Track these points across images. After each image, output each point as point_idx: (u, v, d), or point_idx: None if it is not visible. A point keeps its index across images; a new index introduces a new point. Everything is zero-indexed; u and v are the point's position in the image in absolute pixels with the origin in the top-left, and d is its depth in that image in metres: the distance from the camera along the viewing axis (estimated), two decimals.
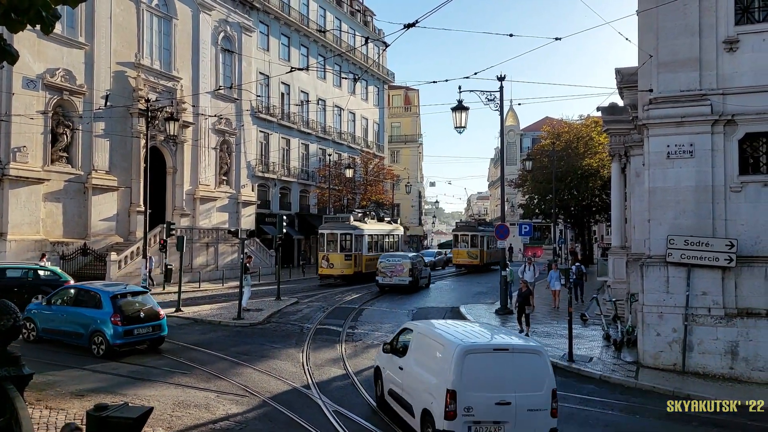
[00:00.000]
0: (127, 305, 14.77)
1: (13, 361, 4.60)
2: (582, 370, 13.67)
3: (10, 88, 26.20)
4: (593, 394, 11.96)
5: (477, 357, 8.40)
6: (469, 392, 8.10)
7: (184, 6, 36.45)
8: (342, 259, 33.09)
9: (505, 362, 8.52)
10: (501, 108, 22.67)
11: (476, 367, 8.31)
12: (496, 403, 8.12)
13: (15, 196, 26.69)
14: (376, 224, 38.69)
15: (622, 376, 13.18)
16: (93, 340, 14.40)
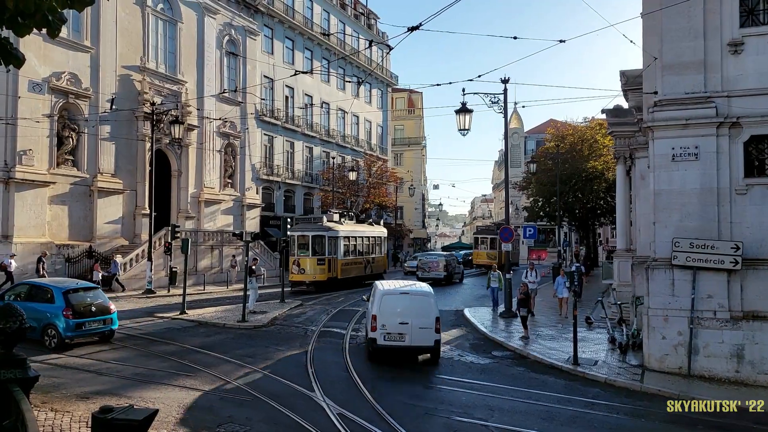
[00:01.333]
0: (78, 300, 15.46)
1: (18, 364, 4.63)
2: (587, 374, 13.63)
3: (17, 91, 26.33)
4: (598, 398, 11.92)
5: (390, 296, 14.98)
6: (384, 316, 14.40)
7: (189, 10, 36.59)
8: (314, 263, 30.18)
9: (406, 300, 14.93)
10: (505, 110, 22.66)
11: (389, 303, 14.69)
12: (399, 323, 14.36)
13: (21, 199, 26.80)
14: (355, 225, 36.04)
15: (627, 379, 13.13)
16: (46, 332, 15.06)
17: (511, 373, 14.13)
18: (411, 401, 11.29)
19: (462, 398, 11.65)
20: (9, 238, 26.30)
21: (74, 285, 16.32)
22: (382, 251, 38.23)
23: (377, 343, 14.61)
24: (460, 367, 14.51)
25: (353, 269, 32.83)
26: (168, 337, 16.91)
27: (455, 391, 12.19)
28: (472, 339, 18.47)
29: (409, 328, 14.45)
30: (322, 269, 30.28)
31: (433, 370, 13.94)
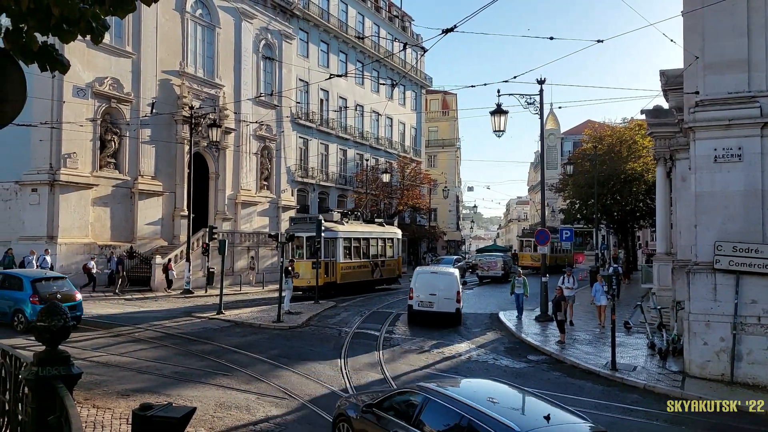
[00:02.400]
0: (44, 288, 16.98)
1: (63, 361, 4.76)
2: (625, 380, 13.36)
3: (62, 96, 27.16)
4: (637, 404, 11.67)
5: (423, 275, 21.74)
6: (418, 289, 20.67)
7: (226, 15, 37.22)
8: (308, 267, 27.02)
9: (434, 278, 21.40)
10: (541, 111, 22.41)
11: (422, 279, 21.13)
12: (429, 294, 20.46)
13: (65, 201, 27.63)
14: (361, 226, 32.70)
15: (668, 386, 12.81)
16: (15, 316, 16.79)
17: (546, 377, 13.94)
18: None
19: None
20: (54, 238, 27.14)
21: (42, 275, 18.09)
22: (395, 254, 35.30)
23: (413, 308, 20.93)
24: (495, 371, 14.39)
25: (356, 273, 30.06)
26: (205, 337, 17.20)
27: None
28: (506, 342, 18.29)
29: (437, 298, 20.57)
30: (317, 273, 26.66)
31: (468, 372, 13.84)
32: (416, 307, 20.68)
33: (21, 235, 27.40)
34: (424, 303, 20.60)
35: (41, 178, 27.30)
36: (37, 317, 4.85)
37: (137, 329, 18.04)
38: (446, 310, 20.53)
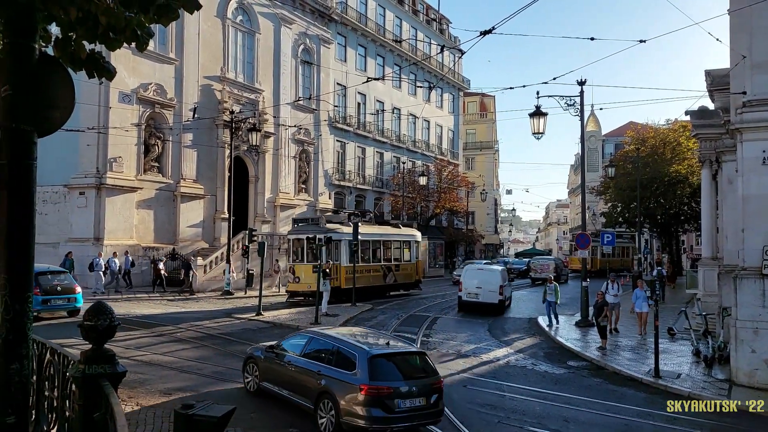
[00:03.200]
0: (45, 281, 18.44)
1: (108, 359, 4.89)
2: (669, 387, 13.00)
3: (108, 102, 28.00)
4: (681, 413, 11.35)
5: (470, 270, 26.53)
6: (466, 283, 24.86)
7: (266, 21, 37.80)
8: (309, 271, 25.57)
9: (480, 273, 25.75)
10: (581, 113, 22.06)
11: (469, 274, 25.65)
12: (475, 287, 24.42)
13: (111, 204, 28.46)
14: (372, 227, 30.79)
15: (713, 394, 12.42)
16: None
17: (587, 384, 13.68)
18: (484, 410, 11.13)
19: (536, 408, 11.38)
20: (100, 240, 27.97)
21: (44, 269, 19.40)
22: (412, 257, 32.81)
23: (462, 299, 24.99)
24: (534, 376, 14.19)
25: (364, 278, 27.88)
26: (245, 338, 17.43)
27: (528, 400, 11.93)
28: (546, 348, 18.03)
29: (482, 290, 24.27)
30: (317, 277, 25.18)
31: (506, 377, 13.69)
32: (464, 298, 24.85)
33: (69, 236, 28.33)
34: (471, 294, 24.63)
35: (88, 181, 28.19)
36: (84, 316, 5.01)
37: (179, 329, 18.43)
38: (490, 301, 24.36)
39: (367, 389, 8.89)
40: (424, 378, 9.57)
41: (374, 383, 8.94)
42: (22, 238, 4.21)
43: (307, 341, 10.73)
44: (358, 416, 8.89)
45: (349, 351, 9.63)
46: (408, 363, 9.96)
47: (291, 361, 10.51)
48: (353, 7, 47.32)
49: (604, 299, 18.08)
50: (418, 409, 9.18)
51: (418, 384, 9.37)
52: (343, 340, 10.09)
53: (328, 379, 9.51)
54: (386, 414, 8.86)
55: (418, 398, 9.21)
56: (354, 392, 8.99)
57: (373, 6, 50.41)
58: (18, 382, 4.15)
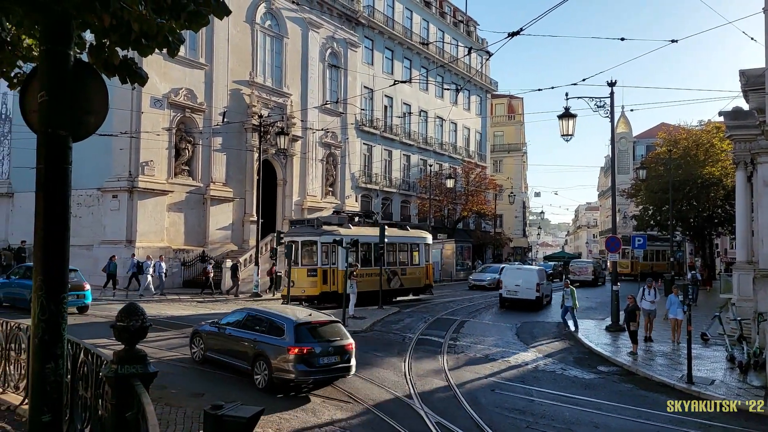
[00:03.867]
0: None
1: (140, 360, 4.98)
2: (702, 394, 12.70)
3: (140, 107, 28.55)
4: (715, 420, 11.08)
5: (509, 269, 30.01)
6: (506, 281, 27.84)
7: (294, 25, 38.14)
8: (304, 275, 24.94)
9: (519, 272, 28.82)
10: (611, 114, 21.73)
11: (509, 273, 28.87)
12: (514, 284, 27.11)
13: (143, 207, 28.99)
14: (374, 230, 28.65)
15: (749, 401, 12.09)
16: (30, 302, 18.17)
17: (618, 389, 13.45)
18: (512, 414, 11.03)
19: (565, 413, 11.23)
20: (132, 242, 28.51)
21: None
22: (421, 261, 31.19)
23: (503, 295, 27.67)
24: (563, 381, 14.01)
25: (364, 282, 26.20)
26: None
27: (557, 405, 11.77)
28: (575, 353, 17.78)
29: (520, 287, 26.74)
30: (313, 282, 24.62)
31: (534, 382, 13.54)
32: (505, 295, 27.53)
33: (102, 239, 28.94)
34: (511, 291, 27.32)
35: (121, 185, 28.77)
36: (117, 317, 5.10)
37: None
38: (527, 297, 26.93)
39: (294, 350, 11.41)
40: (338, 341, 12.07)
41: (299, 345, 11.49)
42: (58, 241, 4.31)
43: (244, 316, 13.29)
44: (287, 371, 11.41)
45: (279, 321, 12.12)
46: (326, 330, 12.30)
47: (231, 333, 12.94)
48: (380, 10, 47.45)
49: (635, 303, 17.74)
50: (333, 364, 11.85)
51: (334, 346, 11.92)
52: (275, 313, 12.69)
53: (262, 344, 11.98)
54: (309, 368, 11.46)
55: (333, 356, 11.87)
56: (283, 353, 11.47)
57: (400, 9, 50.48)
58: (53, 381, 4.25)
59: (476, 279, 39.08)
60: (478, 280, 38.70)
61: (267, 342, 11.96)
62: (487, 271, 40.49)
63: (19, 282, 20.12)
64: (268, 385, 11.66)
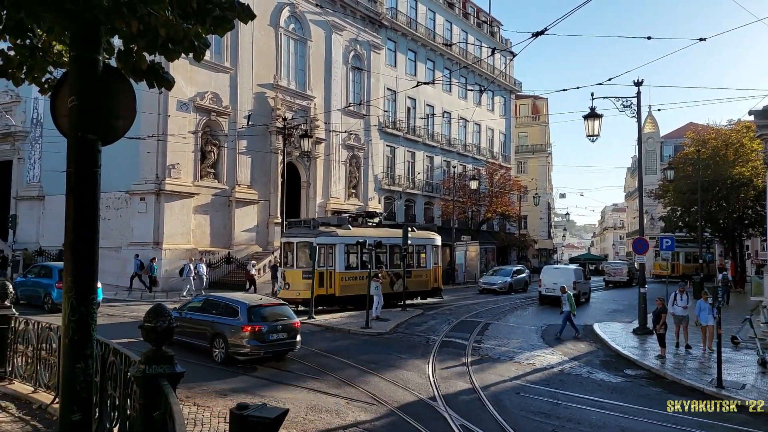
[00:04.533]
0: None
1: (167, 360, 5.05)
2: (733, 398, 12.43)
3: (167, 110, 28.99)
4: (746, 425, 10.83)
5: (548, 269, 33.10)
6: (545, 279, 30.36)
7: (317, 28, 38.36)
8: (299, 277, 24.32)
9: (556, 271, 31.86)
10: (638, 114, 21.44)
11: (548, 272, 31.55)
12: (552, 283, 28.73)
13: (170, 209, 29.41)
14: (376, 231, 28.01)
15: None
16: (44, 299, 20.88)
17: (645, 393, 13.23)
18: (537, 418, 10.92)
19: (592, 417, 11.09)
20: (159, 244, 28.93)
21: None
22: (429, 263, 29.85)
23: (542, 293, 30.29)
24: (590, 384, 13.83)
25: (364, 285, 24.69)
26: None
27: (584, 409, 11.63)
28: (602, 356, 17.55)
29: (557, 286, 25.85)
30: (307, 284, 23.54)
31: (560, 385, 13.39)
32: (544, 292, 30.13)
33: (130, 241, 29.43)
34: (549, 289, 29.42)
35: (148, 187, 29.22)
36: (144, 318, 5.18)
37: None
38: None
39: (247, 328, 13.61)
40: (286, 321, 14.47)
41: (251, 324, 13.69)
42: (87, 243, 4.39)
43: (203, 302, 15.61)
44: (241, 347, 13.59)
45: (235, 305, 14.34)
46: (275, 311, 14.69)
47: (192, 317, 15.04)
48: (403, 12, 47.48)
49: (663, 306, 17.44)
50: (281, 340, 14.27)
51: (281, 324, 14.26)
52: (230, 298, 15.09)
53: (220, 325, 14.09)
54: (260, 343, 13.70)
55: (281, 333, 14.22)
56: (238, 331, 13.61)
57: (423, 10, 50.44)
58: (83, 380, 4.33)
59: (487, 282, 37.14)
60: (488, 283, 36.88)
61: (224, 323, 14.05)
62: (499, 273, 38.76)
63: (35, 281, 21.64)
64: (225, 359, 13.80)
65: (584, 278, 33.55)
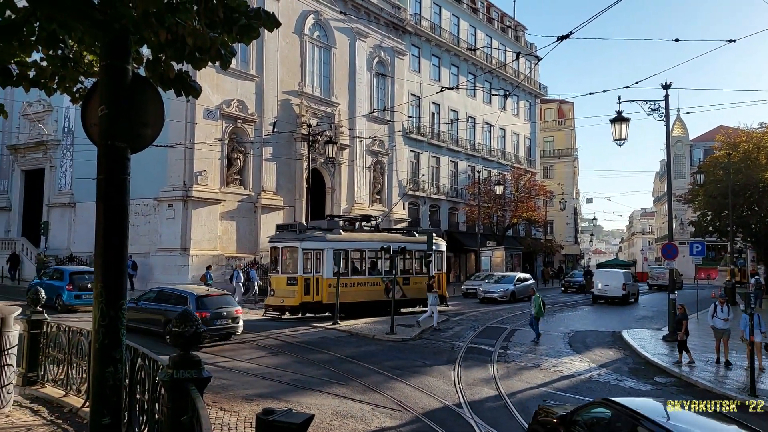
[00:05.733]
0: (78, 279, 22.64)
1: (195, 365, 5.10)
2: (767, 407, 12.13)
3: (194, 118, 29.40)
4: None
5: (600, 272, 39.70)
6: (598, 281, 35.95)
7: (342, 35, 38.60)
8: (283, 283, 23.42)
9: (608, 273, 37.54)
10: (666, 118, 21.11)
11: (600, 275, 37.48)
12: (605, 284, 35.11)
13: (197, 216, 29.78)
14: (369, 235, 26.90)
15: None
16: (56, 300, 22.15)
17: None
18: None
19: None
20: (187, 250, 29.30)
21: (79, 269, 24.49)
22: (430, 269, 27.73)
23: (594, 293, 35.21)
24: (618, 392, 13.60)
25: (355, 292, 24.64)
26: (322, 346, 17.72)
27: None
28: (631, 363, 17.26)
29: (609, 287, 33.98)
30: (292, 291, 22.93)
31: (588, 393, 13.19)
32: (596, 293, 35.22)
33: (158, 247, 29.86)
34: (601, 290, 35.01)
35: (176, 194, 29.64)
36: (173, 323, 5.25)
37: (259, 337, 18.96)
38: (615, 295, 34.43)
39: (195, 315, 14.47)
40: (229, 308, 17.13)
41: (198, 311, 15.72)
42: (117, 249, 4.46)
43: (156, 294, 17.85)
44: None
45: (184, 294, 16.70)
46: (220, 300, 17.19)
47: (146, 306, 17.33)
48: (427, 18, 47.52)
49: (684, 312, 17.10)
50: (225, 325, 16.96)
51: (225, 312, 16.93)
52: (180, 290, 17.52)
53: (172, 312, 15.06)
54: (207, 327, 15.88)
55: (225, 320, 16.92)
56: None
57: (447, 16, 50.43)
58: (113, 384, 4.39)
59: (487, 291, 34.44)
60: (488, 291, 34.26)
61: (175, 311, 14.88)
62: (502, 281, 35.51)
63: (48, 283, 22.69)
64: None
65: (633, 280, 38.26)
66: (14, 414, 8.56)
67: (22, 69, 4.94)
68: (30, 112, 36.66)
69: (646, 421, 6.76)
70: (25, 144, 37.13)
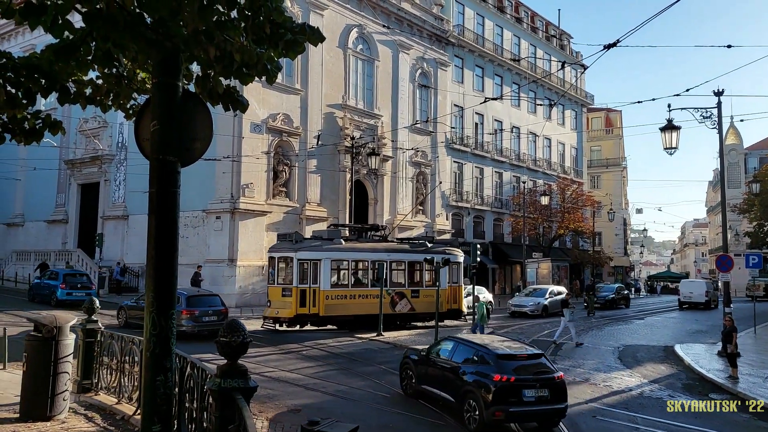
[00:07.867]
0: (71, 280, 26.80)
1: (242, 374, 5.16)
2: None
3: (241, 132, 30.03)
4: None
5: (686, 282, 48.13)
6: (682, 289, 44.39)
7: (385, 48, 38.88)
8: (279, 295, 22.73)
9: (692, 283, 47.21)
10: (719, 126, 20.42)
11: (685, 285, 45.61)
12: (689, 292, 42.51)
13: (244, 227, 30.34)
14: (374, 245, 25.97)
15: None
16: (51, 297, 26.17)
17: (733, 419, 12.41)
18: None
19: None
20: (234, 261, 29.84)
21: (72, 271, 28.80)
22: (444, 282, 25.04)
23: (680, 300, 42.16)
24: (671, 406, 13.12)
25: (354, 305, 23.73)
26: (366, 358, 17.73)
27: None
28: (684, 378, 16.66)
29: (693, 294, 41.46)
30: (287, 302, 22.33)
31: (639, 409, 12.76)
32: (682, 299, 41.79)
33: (207, 258, 30.50)
34: (686, 297, 41.79)
35: (224, 206, 30.27)
36: (220, 333, 5.33)
37: (304, 347, 19.11)
38: (699, 300, 41.28)
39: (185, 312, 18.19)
40: (217, 307, 19.63)
41: (189, 308, 18.49)
42: (168, 260, 4.58)
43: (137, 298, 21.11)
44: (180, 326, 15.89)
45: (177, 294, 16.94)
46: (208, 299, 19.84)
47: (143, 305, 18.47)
48: (470, 28, 47.43)
49: (732, 325, 16.47)
50: (212, 321, 18.64)
51: (213, 310, 19.38)
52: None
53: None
54: (195, 323, 18.50)
55: (212, 317, 18.88)
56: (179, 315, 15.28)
57: (491, 26, 50.22)
58: (163, 393, 4.50)
59: (517, 304, 32.75)
60: (518, 305, 32.54)
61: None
62: (534, 294, 33.95)
63: (46, 282, 27.29)
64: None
65: (714, 289, 42.45)
66: (70, 420, 8.84)
67: (79, 87, 5.16)
68: (86, 128, 38.15)
69: (472, 344, 11.88)
70: (81, 159, 38.60)
